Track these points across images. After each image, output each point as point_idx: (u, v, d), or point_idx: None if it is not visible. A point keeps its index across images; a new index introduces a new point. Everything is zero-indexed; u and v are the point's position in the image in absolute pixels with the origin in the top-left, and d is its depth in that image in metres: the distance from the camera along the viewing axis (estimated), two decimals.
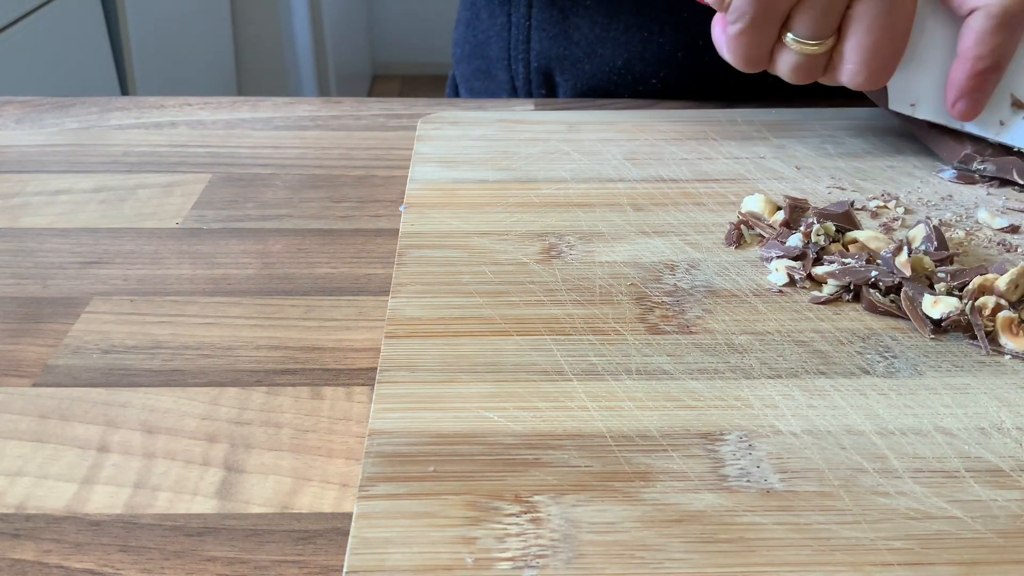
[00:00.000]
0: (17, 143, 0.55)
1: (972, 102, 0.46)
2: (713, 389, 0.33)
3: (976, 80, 0.45)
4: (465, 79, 0.73)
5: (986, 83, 0.46)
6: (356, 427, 0.34)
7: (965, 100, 0.46)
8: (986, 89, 0.46)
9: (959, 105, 0.46)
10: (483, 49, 0.69)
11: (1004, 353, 0.36)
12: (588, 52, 0.64)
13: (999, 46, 0.44)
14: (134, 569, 0.28)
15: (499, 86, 0.69)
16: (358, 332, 0.39)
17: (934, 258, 0.39)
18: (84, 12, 1.55)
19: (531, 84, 0.67)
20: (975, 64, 0.45)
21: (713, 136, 0.53)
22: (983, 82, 0.45)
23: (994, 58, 0.45)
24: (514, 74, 0.67)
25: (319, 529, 0.30)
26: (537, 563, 0.27)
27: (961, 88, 0.46)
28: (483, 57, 0.70)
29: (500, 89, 0.69)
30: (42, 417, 0.34)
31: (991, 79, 0.46)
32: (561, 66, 0.65)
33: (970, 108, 0.46)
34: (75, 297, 0.41)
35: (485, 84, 0.70)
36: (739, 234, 0.43)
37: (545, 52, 0.65)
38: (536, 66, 0.66)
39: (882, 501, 0.29)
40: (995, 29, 0.43)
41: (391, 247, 0.44)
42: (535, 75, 0.66)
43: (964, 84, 0.46)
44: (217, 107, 0.59)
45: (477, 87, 0.71)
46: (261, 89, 2.34)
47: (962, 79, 0.46)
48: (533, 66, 0.66)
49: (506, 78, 0.68)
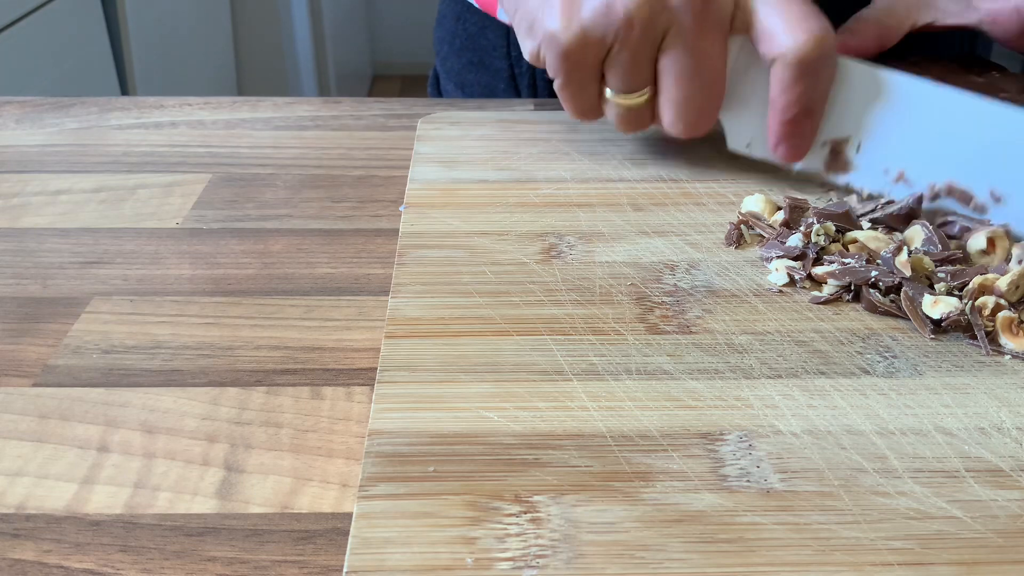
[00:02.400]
0: (17, 143, 0.55)
1: (792, 147, 0.45)
2: (713, 389, 0.33)
3: (789, 126, 0.44)
4: (455, 74, 0.72)
5: (800, 128, 0.45)
6: (356, 427, 0.34)
7: (784, 145, 0.45)
8: (803, 133, 0.45)
9: (780, 150, 0.46)
10: (476, 40, 0.69)
11: (1004, 353, 0.36)
12: None
13: (803, 93, 0.43)
14: (134, 569, 0.28)
15: (496, 75, 0.68)
16: (358, 332, 0.39)
17: (934, 258, 0.39)
18: (84, 12, 1.55)
19: (534, 70, 0.66)
20: (784, 112, 0.44)
21: (713, 136, 0.53)
22: (797, 127, 0.45)
23: (801, 105, 0.44)
24: (513, 60, 0.67)
25: (319, 529, 0.30)
26: (537, 563, 0.27)
27: (777, 135, 0.45)
28: (476, 48, 0.69)
29: (497, 78, 0.68)
30: (42, 417, 0.34)
31: (805, 124, 0.45)
32: None
33: (791, 152, 0.46)
34: (75, 297, 0.41)
35: (479, 76, 0.70)
36: (739, 234, 0.43)
37: None
38: None
39: (882, 501, 0.29)
40: (796, 78, 0.43)
41: (391, 247, 0.44)
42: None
43: (779, 130, 0.45)
44: (217, 107, 0.59)
45: (470, 80, 0.71)
46: (261, 89, 2.34)
47: (775, 126, 0.45)
48: None
49: (504, 66, 0.67)
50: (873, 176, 0.46)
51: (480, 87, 0.70)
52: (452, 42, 0.71)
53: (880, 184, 0.45)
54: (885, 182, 0.45)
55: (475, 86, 0.70)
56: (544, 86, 0.67)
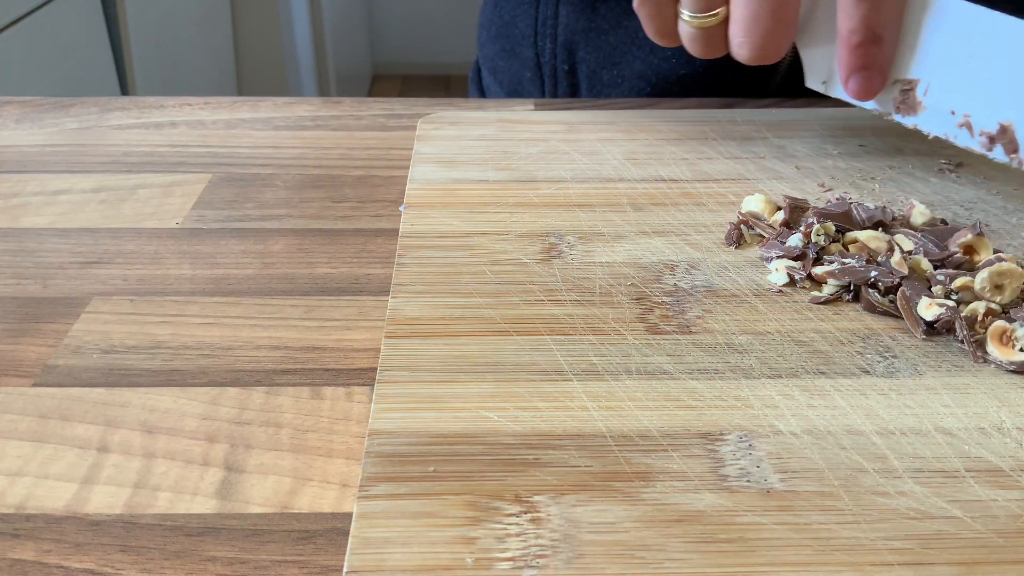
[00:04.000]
0: (17, 143, 0.55)
1: (862, 80, 0.43)
2: (713, 389, 0.33)
3: (856, 56, 0.42)
4: (488, 60, 0.73)
5: (869, 58, 0.43)
6: (356, 427, 0.34)
7: (854, 79, 0.43)
8: (872, 65, 0.43)
9: (851, 84, 0.44)
10: (509, 28, 0.70)
11: (989, 362, 0.35)
12: (613, 24, 0.64)
13: (867, 16, 0.41)
14: (134, 569, 0.28)
15: (523, 64, 0.69)
16: (358, 332, 0.39)
17: (932, 259, 0.39)
18: (84, 12, 1.55)
19: (556, 59, 0.67)
20: (849, 39, 0.42)
21: (713, 136, 0.53)
22: (865, 57, 0.42)
23: (866, 29, 0.42)
24: (540, 51, 0.68)
25: (319, 529, 0.30)
26: (537, 563, 0.27)
27: (847, 65, 0.43)
28: (509, 36, 0.70)
29: (524, 67, 0.69)
30: (42, 417, 0.34)
31: (872, 53, 0.42)
32: (586, 38, 0.65)
33: (862, 85, 0.44)
34: (75, 297, 0.41)
35: (508, 63, 0.70)
36: (739, 234, 0.43)
37: (572, 25, 0.66)
38: (562, 40, 0.66)
39: (882, 501, 0.29)
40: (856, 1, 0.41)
41: (391, 247, 0.44)
42: (560, 50, 0.66)
43: (848, 60, 0.43)
44: (217, 107, 0.59)
45: (501, 67, 0.71)
46: (261, 89, 2.34)
47: (844, 55, 0.43)
48: (559, 40, 0.66)
49: (531, 55, 0.68)
50: (940, 119, 0.43)
51: (509, 75, 0.71)
52: (489, 28, 0.72)
53: (946, 127, 0.43)
54: (951, 125, 0.43)
55: (505, 73, 0.71)
56: (564, 75, 0.68)
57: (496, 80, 0.73)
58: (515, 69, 0.70)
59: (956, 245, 0.40)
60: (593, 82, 0.66)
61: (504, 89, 0.72)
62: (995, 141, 0.42)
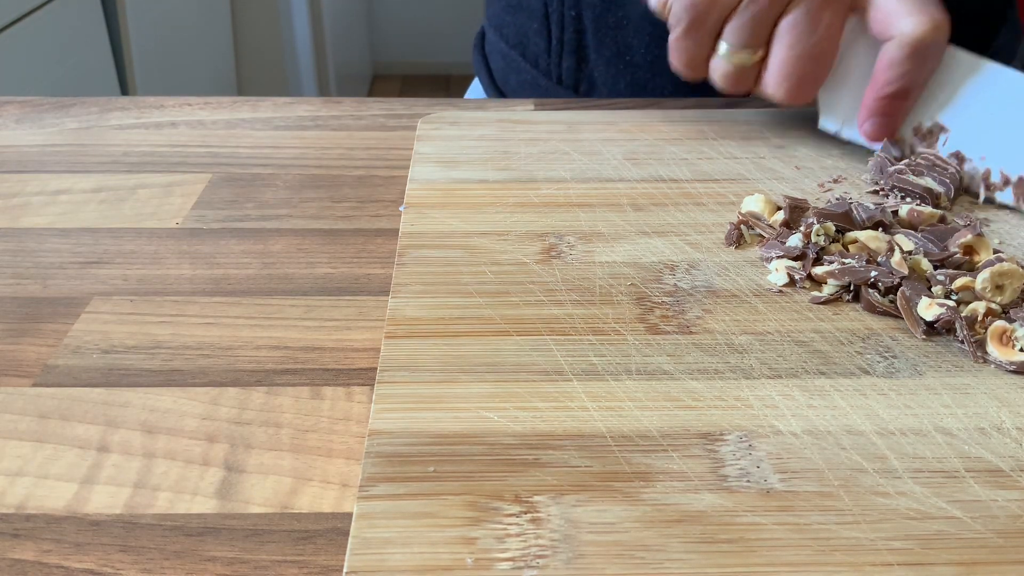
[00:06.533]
0: (17, 143, 0.55)
1: (879, 124, 0.48)
2: (713, 389, 0.33)
3: (883, 103, 0.47)
4: (495, 17, 0.74)
5: (893, 108, 0.47)
6: (356, 427, 0.34)
7: (872, 121, 0.48)
8: (894, 114, 0.47)
9: (867, 125, 0.48)
10: None
11: (989, 362, 0.35)
12: None
13: (907, 73, 0.46)
14: (134, 569, 0.28)
15: (530, 16, 0.69)
16: (358, 332, 0.39)
17: (932, 259, 0.39)
18: (84, 12, 1.55)
19: (563, 6, 0.67)
20: (883, 88, 0.46)
21: (713, 136, 0.53)
22: (890, 106, 0.47)
23: (902, 84, 0.46)
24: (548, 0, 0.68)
25: (319, 529, 0.30)
26: (537, 563, 0.27)
27: (869, 109, 0.48)
28: None
29: (531, 18, 0.69)
30: (42, 417, 0.34)
31: (898, 105, 0.47)
32: None
33: (878, 130, 0.48)
34: (75, 297, 0.41)
35: (515, 17, 0.71)
36: (739, 234, 0.43)
37: None
38: None
39: (882, 501, 0.29)
40: (906, 58, 0.45)
41: (391, 247, 0.44)
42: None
43: (872, 106, 0.47)
44: (217, 107, 0.59)
45: (507, 22, 0.72)
46: (261, 89, 2.34)
47: (870, 101, 0.47)
48: None
49: (539, 5, 0.68)
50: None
51: (515, 28, 0.72)
52: None
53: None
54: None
55: (511, 27, 0.72)
56: (571, 21, 0.68)
57: (501, 37, 0.73)
58: (521, 22, 0.71)
59: (956, 245, 0.40)
60: (599, 25, 0.67)
61: (509, 44, 0.73)
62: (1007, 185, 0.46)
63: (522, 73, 0.72)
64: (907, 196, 0.45)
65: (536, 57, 0.70)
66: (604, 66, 0.67)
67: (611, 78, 0.67)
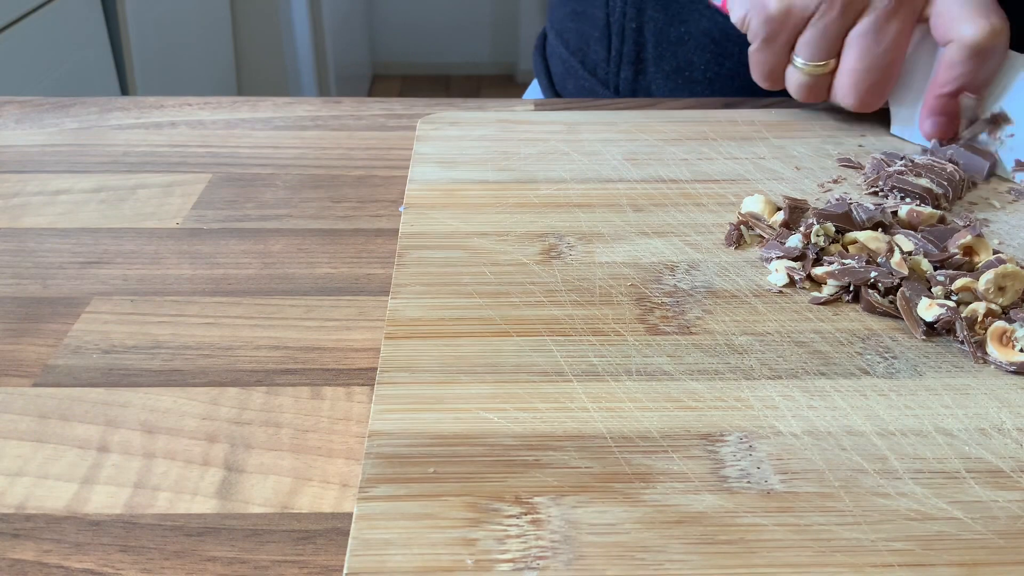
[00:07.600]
0: (17, 143, 0.55)
1: (937, 124, 0.50)
2: (713, 390, 0.33)
3: (941, 102, 0.49)
4: (558, 22, 0.75)
5: (951, 107, 0.49)
6: (356, 427, 0.34)
7: (932, 120, 0.50)
8: (952, 113, 0.49)
9: (927, 124, 0.50)
10: None
11: (989, 362, 0.35)
12: None
13: (966, 74, 0.48)
14: (134, 569, 0.28)
15: (592, 24, 0.70)
16: (358, 332, 0.39)
17: (932, 259, 0.39)
18: (84, 12, 1.55)
19: (624, 18, 0.68)
20: (943, 86, 0.48)
21: (713, 136, 0.53)
22: (948, 105, 0.49)
23: (960, 84, 0.48)
24: (610, 10, 0.68)
25: (319, 529, 0.30)
26: (537, 564, 0.27)
27: (930, 107, 0.49)
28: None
29: (593, 27, 0.70)
30: (42, 417, 0.34)
31: (956, 104, 0.49)
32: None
33: (936, 128, 0.50)
34: (75, 297, 0.41)
35: (578, 24, 0.72)
36: (739, 234, 0.43)
37: None
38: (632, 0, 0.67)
39: (882, 502, 0.29)
40: (965, 59, 0.47)
41: (391, 247, 0.44)
42: (630, 9, 0.67)
43: (932, 104, 0.49)
44: (217, 107, 0.59)
45: (569, 27, 0.73)
46: (261, 89, 2.34)
47: (931, 99, 0.49)
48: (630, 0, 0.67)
49: (602, 15, 0.69)
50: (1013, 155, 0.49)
51: (577, 35, 0.72)
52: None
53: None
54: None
55: (573, 33, 0.73)
56: (631, 33, 0.68)
57: (562, 42, 0.74)
58: (584, 29, 0.71)
59: (956, 246, 0.40)
60: (660, 39, 0.67)
61: (569, 50, 0.73)
62: None
63: (580, 80, 0.73)
64: (907, 197, 0.45)
65: (595, 66, 0.71)
66: (663, 80, 0.68)
67: (669, 92, 0.68)
